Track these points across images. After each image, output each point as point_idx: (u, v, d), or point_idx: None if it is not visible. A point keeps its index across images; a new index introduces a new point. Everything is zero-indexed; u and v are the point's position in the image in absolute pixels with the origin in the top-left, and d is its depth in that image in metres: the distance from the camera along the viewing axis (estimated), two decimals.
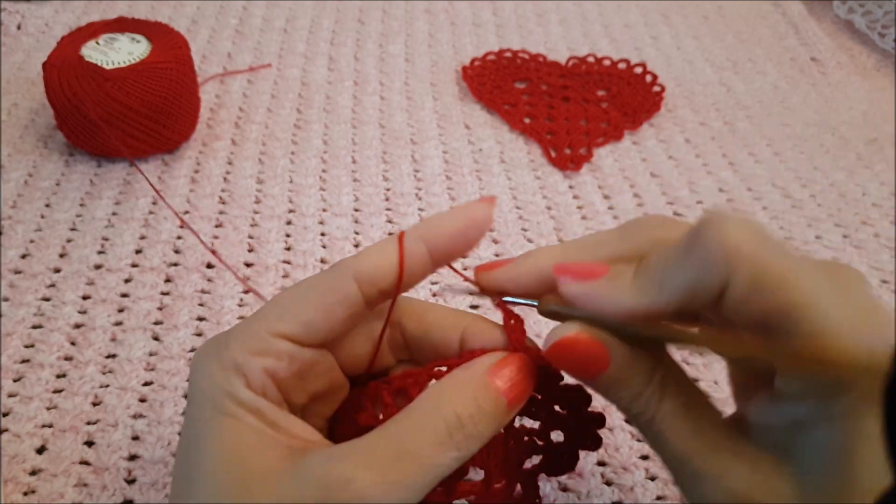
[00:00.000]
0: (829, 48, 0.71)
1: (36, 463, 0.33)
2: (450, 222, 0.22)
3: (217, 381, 0.20)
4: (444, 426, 0.19)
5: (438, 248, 0.22)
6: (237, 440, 0.19)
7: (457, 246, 0.22)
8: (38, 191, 0.47)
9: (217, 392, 0.20)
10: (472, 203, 0.22)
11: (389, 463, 0.19)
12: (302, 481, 0.18)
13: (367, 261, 0.21)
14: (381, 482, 0.18)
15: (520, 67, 0.63)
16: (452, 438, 0.19)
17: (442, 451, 0.19)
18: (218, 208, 0.47)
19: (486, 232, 0.22)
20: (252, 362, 0.20)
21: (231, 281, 0.42)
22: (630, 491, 0.33)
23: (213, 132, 0.54)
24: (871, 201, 0.53)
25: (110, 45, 0.47)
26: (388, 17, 0.71)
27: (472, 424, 0.20)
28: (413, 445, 0.19)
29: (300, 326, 0.21)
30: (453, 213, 0.22)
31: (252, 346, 0.20)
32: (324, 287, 0.21)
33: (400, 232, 0.22)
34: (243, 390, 0.20)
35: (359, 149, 0.54)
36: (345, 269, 0.21)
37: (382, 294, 0.22)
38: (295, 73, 0.61)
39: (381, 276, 0.21)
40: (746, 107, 0.62)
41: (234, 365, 0.20)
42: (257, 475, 0.19)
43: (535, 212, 0.49)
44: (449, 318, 0.24)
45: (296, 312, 0.21)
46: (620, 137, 0.57)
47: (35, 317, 0.39)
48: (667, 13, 0.76)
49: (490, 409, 0.20)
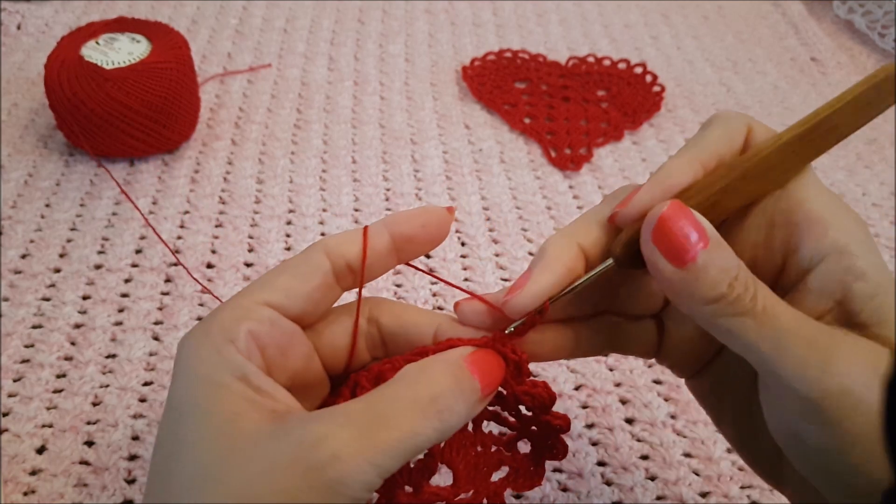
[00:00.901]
0: (829, 48, 0.71)
1: (36, 463, 0.33)
2: (411, 215, 0.24)
3: (205, 353, 0.20)
4: (424, 394, 0.20)
5: (399, 234, 0.23)
6: (224, 406, 0.20)
7: (416, 236, 0.24)
8: (38, 191, 0.47)
9: (204, 364, 0.20)
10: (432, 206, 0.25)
11: (367, 425, 0.19)
12: (281, 441, 0.19)
13: (334, 237, 0.23)
14: (356, 442, 0.18)
15: (520, 67, 0.63)
16: (432, 407, 0.20)
17: (421, 419, 0.19)
18: (218, 208, 0.47)
19: (445, 235, 0.24)
20: (239, 326, 0.21)
21: (231, 281, 0.42)
22: (630, 491, 0.33)
23: (213, 132, 0.54)
24: (870, 201, 0.53)
25: (110, 45, 0.47)
26: (388, 17, 0.71)
27: (449, 397, 0.20)
28: (392, 410, 0.19)
29: (278, 292, 0.22)
30: (415, 209, 0.24)
31: (237, 313, 0.21)
32: (298, 261, 0.23)
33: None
34: (234, 356, 0.20)
35: (359, 149, 0.54)
36: (314, 246, 0.23)
37: (350, 269, 0.23)
38: (295, 73, 0.61)
39: (347, 249, 0.23)
40: (746, 107, 0.62)
41: (223, 331, 0.21)
42: (244, 437, 0.19)
43: (535, 212, 0.49)
44: (423, 317, 0.25)
45: (275, 281, 0.22)
46: (620, 137, 0.57)
47: (35, 317, 0.39)
48: (667, 13, 0.76)
49: (466, 388, 0.21)
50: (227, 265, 0.43)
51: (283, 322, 0.22)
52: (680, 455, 0.35)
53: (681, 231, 0.20)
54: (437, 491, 0.22)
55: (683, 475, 0.34)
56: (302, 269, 0.22)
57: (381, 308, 0.25)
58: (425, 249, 0.24)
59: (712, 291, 0.20)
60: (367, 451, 0.18)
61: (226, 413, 0.19)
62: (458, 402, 0.20)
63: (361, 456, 0.18)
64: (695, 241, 0.20)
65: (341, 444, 0.18)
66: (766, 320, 0.20)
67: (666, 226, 0.20)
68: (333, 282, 0.23)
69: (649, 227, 0.21)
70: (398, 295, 0.42)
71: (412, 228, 0.23)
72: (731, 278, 0.20)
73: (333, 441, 0.18)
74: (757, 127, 0.24)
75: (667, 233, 0.20)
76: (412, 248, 0.24)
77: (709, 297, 0.20)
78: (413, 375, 0.21)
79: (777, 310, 0.20)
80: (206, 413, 0.19)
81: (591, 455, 0.34)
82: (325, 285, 0.23)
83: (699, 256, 0.20)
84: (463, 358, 0.22)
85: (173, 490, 0.19)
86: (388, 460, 0.19)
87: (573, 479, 0.34)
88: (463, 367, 0.21)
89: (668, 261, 0.20)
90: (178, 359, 0.21)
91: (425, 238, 0.24)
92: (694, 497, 0.33)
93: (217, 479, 0.18)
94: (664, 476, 0.34)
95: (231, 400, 0.20)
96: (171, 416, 0.20)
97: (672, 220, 0.20)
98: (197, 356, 0.20)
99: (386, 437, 0.19)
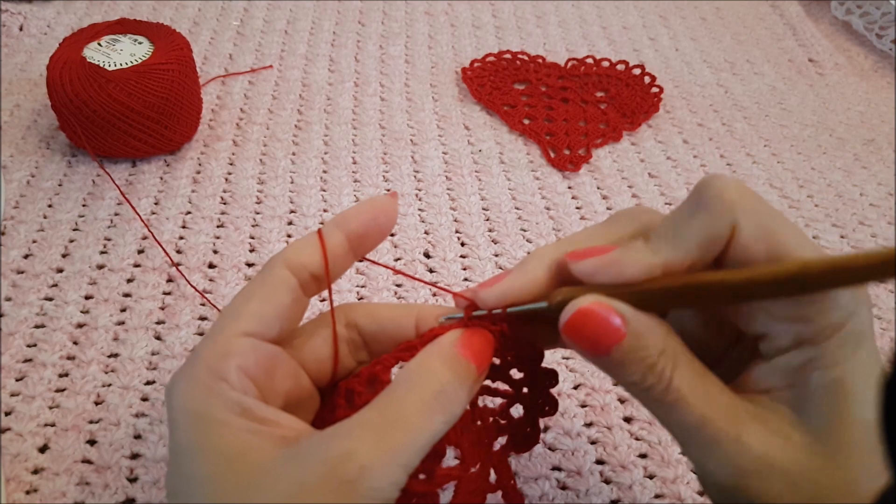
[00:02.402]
0: (826, 49, 0.71)
1: (38, 462, 0.33)
2: (359, 210, 0.24)
3: (196, 394, 0.20)
4: (428, 392, 0.21)
5: (352, 232, 0.24)
6: (230, 442, 0.20)
7: (369, 232, 0.24)
8: (40, 191, 0.48)
9: (198, 405, 0.20)
10: (376, 196, 0.24)
11: (384, 431, 0.20)
12: (304, 463, 0.19)
13: (291, 249, 0.23)
14: (379, 449, 0.19)
15: (519, 69, 0.64)
16: (437, 402, 0.21)
17: (430, 415, 0.20)
18: (219, 209, 0.48)
19: (393, 223, 0.24)
20: (226, 364, 0.21)
21: (233, 281, 0.42)
22: (629, 489, 0.33)
23: (214, 133, 0.54)
24: (868, 202, 0.53)
25: (112, 46, 0.48)
26: (389, 18, 0.71)
27: (451, 389, 0.21)
28: (403, 413, 0.20)
29: (253, 320, 0.22)
30: (361, 203, 0.24)
31: (219, 350, 0.21)
32: (262, 282, 0.23)
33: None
34: (229, 391, 0.20)
35: (359, 149, 0.54)
36: (274, 261, 0.23)
37: (314, 278, 0.23)
38: (296, 75, 0.62)
39: (307, 260, 0.23)
40: (744, 108, 0.62)
41: (210, 372, 0.21)
42: (258, 469, 0.19)
43: (534, 212, 0.49)
44: (400, 310, 0.25)
45: (245, 309, 0.22)
46: (619, 138, 0.57)
47: (37, 316, 0.39)
48: (665, 15, 0.76)
49: (463, 374, 0.22)
50: (229, 265, 0.43)
51: (264, 347, 0.22)
52: (678, 453, 0.35)
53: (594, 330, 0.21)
54: (449, 472, 0.23)
55: (682, 473, 0.34)
56: (270, 291, 0.22)
57: (356, 311, 0.25)
58: (378, 242, 0.25)
59: (628, 378, 0.21)
60: (392, 455, 0.19)
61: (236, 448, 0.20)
62: (460, 391, 0.21)
63: (388, 461, 0.19)
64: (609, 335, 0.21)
65: (367, 455, 0.19)
66: (677, 410, 0.21)
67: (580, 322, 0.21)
68: (301, 294, 0.23)
69: (564, 319, 0.21)
70: (398, 295, 0.42)
71: (364, 224, 0.24)
72: (644, 368, 0.21)
73: (360, 454, 0.19)
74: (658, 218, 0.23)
75: (580, 330, 0.21)
76: (366, 243, 0.24)
77: (625, 381, 0.22)
78: (414, 375, 0.21)
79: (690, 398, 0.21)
80: (214, 452, 0.20)
81: (589, 453, 0.35)
82: (294, 301, 0.23)
83: (613, 350, 0.21)
84: (454, 345, 0.22)
85: None
86: (410, 458, 0.20)
87: (572, 478, 0.34)
88: (457, 355, 0.22)
89: (587, 351, 0.21)
90: (172, 405, 0.21)
91: (377, 231, 0.24)
92: (692, 495, 0.33)
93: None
94: (663, 474, 0.34)
95: (236, 435, 0.20)
96: (178, 462, 0.20)
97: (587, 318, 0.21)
98: (191, 399, 0.21)
99: (403, 439, 0.20)
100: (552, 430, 0.36)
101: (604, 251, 0.22)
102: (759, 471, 0.20)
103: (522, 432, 0.26)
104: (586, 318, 0.21)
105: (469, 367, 0.22)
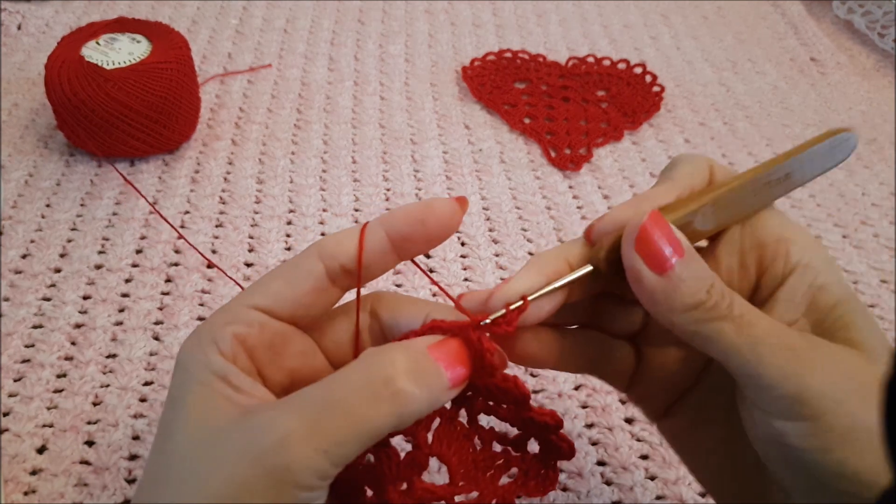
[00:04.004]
0: (828, 48, 0.71)
1: (36, 462, 0.33)
2: (408, 210, 0.23)
3: (194, 354, 0.21)
4: (377, 377, 0.19)
5: (395, 231, 0.23)
6: (204, 403, 0.20)
7: (414, 233, 0.23)
8: (38, 191, 0.47)
9: (192, 363, 0.21)
10: (438, 198, 0.23)
11: (316, 410, 0.19)
12: (237, 429, 0.19)
13: (328, 239, 0.23)
14: (305, 427, 0.18)
15: (520, 68, 0.63)
16: (386, 390, 0.19)
17: (374, 403, 0.19)
18: (218, 208, 0.47)
19: (452, 229, 0.23)
20: (224, 330, 0.21)
21: (232, 281, 0.42)
22: (630, 490, 0.33)
23: (213, 132, 0.54)
24: (870, 201, 0.53)
25: (111, 45, 0.47)
26: (389, 17, 0.71)
27: (405, 379, 0.19)
28: (341, 395, 0.19)
29: (268, 297, 0.22)
30: (415, 203, 0.23)
31: (227, 317, 0.22)
32: (291, 265, 0.23)
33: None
34: (215, 357, 0.21)
35: (359, 149, 0.54)
36: (310, 248, 0.23)
37: (344, 270, 0.23)
38: (295, 74, 0.61)
39: (340, 251, 0.22)
40: (746, 107, 0.62)
41: (210, 335, 0.21)
42: (215, 431, 0.20)
43: (534, 212, 0.49)
44: (414, 306, 0.25)
45: (266, 287, 0.22)
46: (620, 137, 0.57)
47: (36, 316, 0.39)
48: (666, 14, 0.76)
49: (425, 371, 0.20)
50: (228, 265, 0.43)
51: (273, 324, 0.22)
52: None
53: (660, 239, 0.21)
54: (433, 489, 0.21)
55: (683, 474, 0.34)
56: (294, 274, 0.22)
57: (380, 302, 0.25)
58: (427, 247, 0.23)
59: (691, 298, 0.21)
60: (316, 437, 0.18)
61: (205, 409, 0.20)
62: (416, 386, 0.20)
63: (309, 442, 0.18)
64: (672, 252, 0.21)
65: (289, 429, 0.18)
66: (744, 325, 0.21)
67: (647, 234, 0.21)
68: (328, 284, 0.23)
69: (631, 235, 0.22)
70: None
71: (410, 226, 0.23)
72: (707, 285, 0.21)
73: (281, 426, 0.18)
74: (717, 167, 0.25)
75: (647, 240, 0.21)
76: (411, 245, 0.23)
77: (688, 303, 0.21)
78: (369, 358, 0.20)
79: (753, 316, 0.21)
80: (186, 405, 0.20)
81: (590, 455, 0.34)
82: (316, 290, 0.22)
83: (676, 265, 0.21)
84: (427, 346, 0.21)
85: (159, 477, 0.20)
86: (339, 447, 0.18)
87: (573, 479, 0.34)
88: (424, 353, 0.21)
89: (650, 268, 0.21)
90: (177, 358, 0.22)
91: (425, 235, 0.23)
92: (693, 497, 0.33)
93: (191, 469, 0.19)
94: (664, 475, 0.34)
95: (211, 397, 0.20)
96: (165, 409, 0.21)
97: (652, 229, 0.21)
98: (189, 356, 0.21)
99: (337, 423, 0.18)
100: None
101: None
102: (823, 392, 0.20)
103: (536, 471, 0.24)
104: (652, 230, 0.21)
105: (435, 366, 0.21)
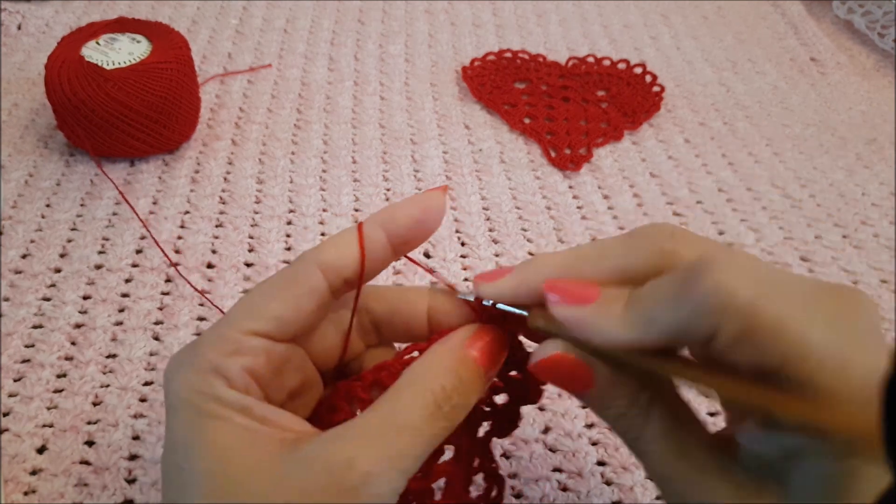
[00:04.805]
0: (828, 48, 0.71)
1: (36, 462, 0.33)
2: (406, 210, 0.22)
3: (196, 386, 0.20)
4: (432, 398, 0.20)
5: (397, 235, 0.22)
6: (226, 440, 0.19)
7: (414, 233, 0.23)
8: (38, 191, 0.47)
9: (198, 397, 0.20)
10: (426, 192, 0.23)
11: (387, 438, 0.19)
12: (304, 468, 0.19)
13: (329, 251, 0.22)
14: (381, 457, 0.19)
15: (520, 68, 0.63)
16: (441, 409, 0.20)
17: (433, 421, 0.20)
18: (218, 208, 0.47)
19: (441, 219, 0.23)
20: (230, 362, 0.20)
21: (231, 281, 0.42)
22: (630, 490, 0.33)
23: (213, 132, 0.54)
24: (870, 201, 0.53)
25: (111, 45, 0.47)
26: (388, 17, 0.71)
27: (456, 395, 0.21)
28: (406, 419, 0.20)
29: (271, 322, 0.21)
30: (409, 201, 0.23)
31: (226, 347, 0.20)
32: (290, 281, 0.21)
33: (359, 222, 0.22)
34: (227, 391, 0.20)
35: (359, 149, 0.54)
36: (308, 260, 0.22)
37: (347, 283, 0.22)
38: (295, 74, 0.61)
39: (344, 265, 0.22)
40: (746, 107, 0.62)
41: (212, 368, 0.20)
42: (251, 471, 0.19)
43: (534, 212, 0.49)
44: (414, 294, 0.24)
45: (265, 309, 0.21)
46: (620, 137, 0.57)
47: (35, 316, 0.39)
48: (666, 13, 0.76)
49: (471, 378, 0.21)
50: (228, 265, 0.43)
51: (276, 348, 0.21)
52: None
53: (563, 376, 0.21)
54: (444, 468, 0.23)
55: None
56: (295, 293, 0.21)
57: (367, 295, 0.24)
58: (422, 241, 0.23)
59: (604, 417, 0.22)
60: (393, 462, 0.19)
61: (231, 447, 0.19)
62: (464, 395, 0.21)
63: (390, 467, 0.19)
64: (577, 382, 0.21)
65: (370, 462, 0.19)
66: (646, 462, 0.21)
67: (549, 366, 0.21)
68: (329, 300, 0.22)
69: (535, 359, 0.22)
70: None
71: (408, 223, 0.22)
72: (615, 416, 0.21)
73: (363, 461, 0.19)
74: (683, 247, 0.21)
75: (550, 372, 0.22)
76: (409, 243, 0.23)
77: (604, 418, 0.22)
78: (419, 377, 0.21)
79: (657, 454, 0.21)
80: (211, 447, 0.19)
81: (590, 455, 0.34)
82: (320, 308, 0.22)
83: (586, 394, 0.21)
84: (464, 345, 0.21)
85: None
86: (411, 463, 0.20)
87: (573, 479, 0.34)
88: (465, 357, 0.21)
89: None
90: (171, 390, 0.20)
91: (422, 231, 0.23)
92: None
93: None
94: None
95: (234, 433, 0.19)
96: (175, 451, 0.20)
97: (557, 364, 0.21)
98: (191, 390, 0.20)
99: (405, 445, 0.19)
100: (553, 431, 0.35)
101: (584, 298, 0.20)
102: None
103: (505, 418, 0.26)
104: (554, 365, 0.21)
105: (476, 369, 0.21)
